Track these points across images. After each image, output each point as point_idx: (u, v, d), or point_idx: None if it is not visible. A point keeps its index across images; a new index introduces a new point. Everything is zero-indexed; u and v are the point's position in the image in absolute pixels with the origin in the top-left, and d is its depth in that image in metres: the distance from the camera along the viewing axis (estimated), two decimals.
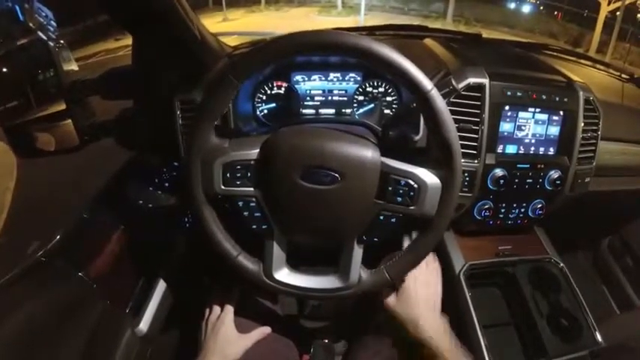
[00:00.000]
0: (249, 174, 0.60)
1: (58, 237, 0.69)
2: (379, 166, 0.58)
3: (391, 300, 0.69)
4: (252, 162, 0.60)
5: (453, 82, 0.67)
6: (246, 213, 0.62)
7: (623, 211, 1.28)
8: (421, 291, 0.69)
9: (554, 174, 0.86)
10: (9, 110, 0.74)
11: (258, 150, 0.60)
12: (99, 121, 0.84)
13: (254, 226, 0.62)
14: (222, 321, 0.73)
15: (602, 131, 0.91)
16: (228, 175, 0.59)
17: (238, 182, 0.60)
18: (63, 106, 0.76)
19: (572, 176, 0.88)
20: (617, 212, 1.28)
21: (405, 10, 11.22)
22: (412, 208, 0.58)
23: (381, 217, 0.59)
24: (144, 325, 0.80)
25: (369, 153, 0.58)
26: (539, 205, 0.91)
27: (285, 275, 0.64)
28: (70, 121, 0.77)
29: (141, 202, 0.87)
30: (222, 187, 0.60)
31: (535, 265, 0.94)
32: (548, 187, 0.87)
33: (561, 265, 0.94)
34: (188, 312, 0.79)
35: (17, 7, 0.78)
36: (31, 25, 0.86)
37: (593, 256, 1.43)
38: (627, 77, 1.25)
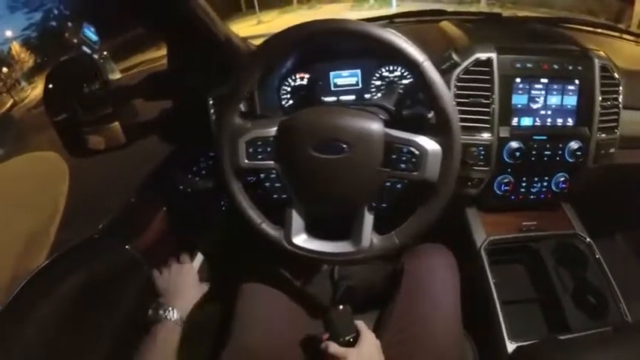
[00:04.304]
0: (269, 149, 0.68)
1: (110, 217, 0.81)
2: (383, 136, 0.64)
3: None
4: (271, 138, 0.68)
5: (454, 56, 0.71)
6: (267, 184, 0.69)
7: None
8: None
9: (574, 145, 0.84)
10: (63, 119, 0.84)
11: (276, 128, 0.68)
12: (142, 120, 0.94)
13: (275, 196, 0.70)
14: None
15: (628, 100, 0.88)
16: (250, 150, 0.68)
17: (260, 157, 0.68)
18: (110, 110, 0.86)
19: (595, 147, 0.86)
20: None
21: None
22: (415, 173, 0.63)
23: (388, 184, 0.65)
24: None
25: (373, 125, 0.64)
26: (562, 179, 0.89)
27: (303, 241, 0.70)
28: (117, 122, 0.86)
29: (181, 187, 0.97)
30: (246, 161, 0.68)
31: (560, 241, 0.92)
32: (570, 159, 0.85)
33: (588, 240, 0.92)
34: (224, 283, 0.87)
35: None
36: (74, 41, 0.96)
37: (633, 237, 1.36)
38: None
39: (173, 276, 0.79)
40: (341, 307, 0.69)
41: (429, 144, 0.62)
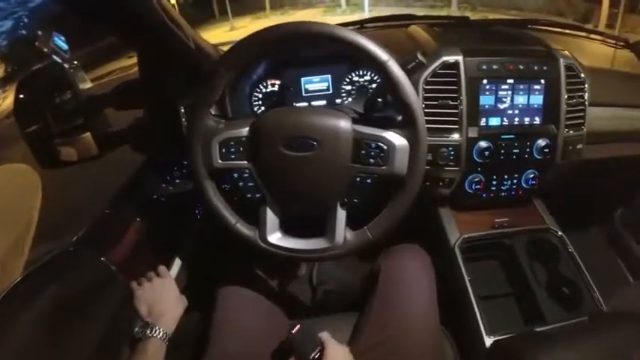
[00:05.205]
0: (241, 149, 0.68)
1: (84, 230, 0.80)
2: (351, 132, 0.65)
3: None
4: (243, 138, 0.69)
5: (419, 57, 0.73)
6: (241, 184, 0.70)
7: (631, 181, 1.25)
8: None
9: (542, 142, 0.87)
10: (33, 130, 0.82)
11: (248, 128, 0.69)
12: (114, 130, 0.92)
13: (249, 195, 0.71)
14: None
15: (593, 97, 0.91)
16: (223, 150, 0.68)
17: (233, 156, 0.69)
18: (81, 121, 0.84)
19: (562, 144, 0.89)
20: (625, 183, 1.27)
21: (410, 1, 11.06)
22: (384, 168, 0.65)
23: (358, 179, 0.66)
24: None
25: (342, 122, 0.66)
26: (532, 176, 0.92)
27: (277, 239, 0.71)
28: (88, 133, 0.85)
29: (155, 196, 0.95)
30: (219, 161, 0.69)
31: (533, 236, 0.95)
32: (538, 156, 0.88)
33: (560, 233, 0.94)
34: (201, 292, 0.86)
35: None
36: (45, 50, 0.95)
37: (607, 230, 1.41)
38: (622, 44, 1.24)
39: (157, 294, 0.78)
40: (298, 326, 0.67)
41: (397, 139, 0.64)
